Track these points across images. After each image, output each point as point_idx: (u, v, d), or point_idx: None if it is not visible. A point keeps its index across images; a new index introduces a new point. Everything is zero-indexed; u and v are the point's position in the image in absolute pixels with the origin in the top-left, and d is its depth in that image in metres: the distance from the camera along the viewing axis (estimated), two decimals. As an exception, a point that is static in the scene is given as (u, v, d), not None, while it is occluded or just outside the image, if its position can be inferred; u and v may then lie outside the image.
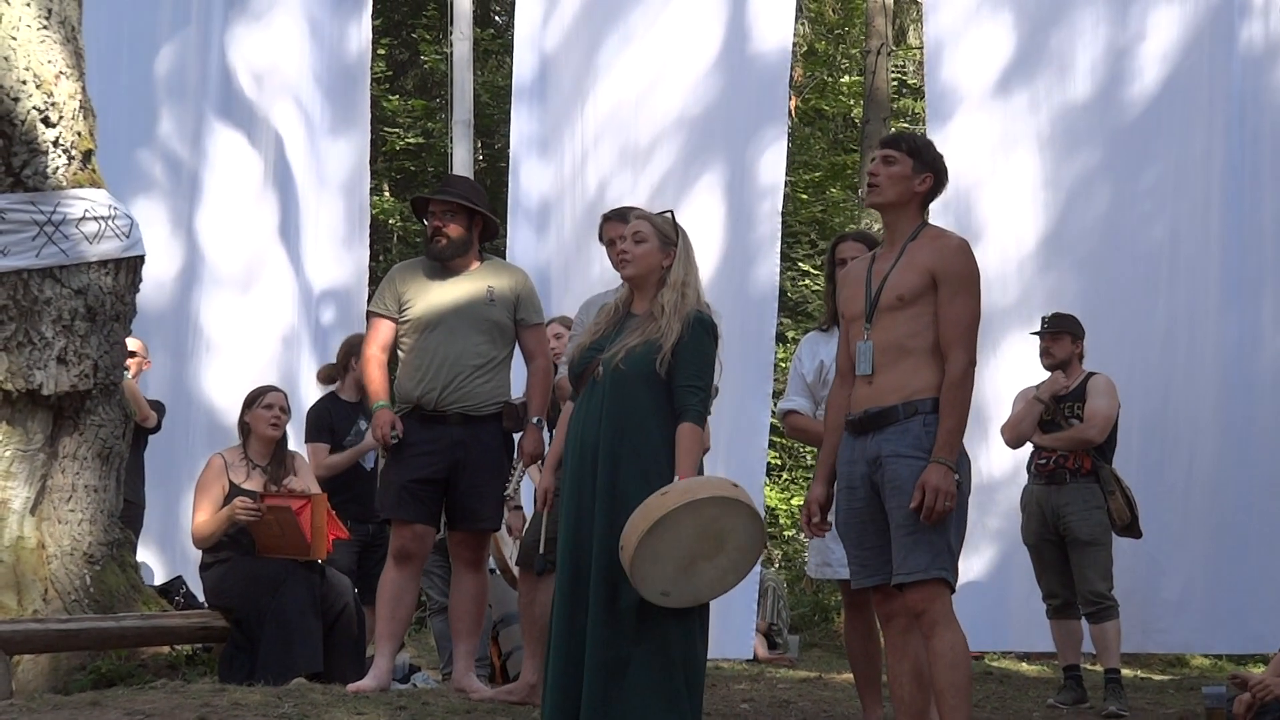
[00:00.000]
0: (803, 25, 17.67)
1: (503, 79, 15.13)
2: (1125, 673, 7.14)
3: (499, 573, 7.12)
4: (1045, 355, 7.14)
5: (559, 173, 8.96)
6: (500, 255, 7.48)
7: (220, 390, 8.58)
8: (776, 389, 9.12)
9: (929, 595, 4.26)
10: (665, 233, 4.80)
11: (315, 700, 5.17)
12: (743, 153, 8.61)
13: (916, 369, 4.35)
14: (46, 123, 6.21)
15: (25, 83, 6.16)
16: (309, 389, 8.74)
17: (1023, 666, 8.95)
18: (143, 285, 6.65)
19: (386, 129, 15.83)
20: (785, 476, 15.28)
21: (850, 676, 5.96)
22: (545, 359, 6.03)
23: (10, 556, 6.12)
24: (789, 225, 16.25)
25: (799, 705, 6.19)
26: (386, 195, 16.09)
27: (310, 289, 8.94)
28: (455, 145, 9.84)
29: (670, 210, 4.95)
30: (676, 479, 4.50)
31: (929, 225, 4.55)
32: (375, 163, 16.22)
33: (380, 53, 15.97)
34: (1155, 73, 8.16)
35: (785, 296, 15.66)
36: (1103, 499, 6.92)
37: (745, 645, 8.13)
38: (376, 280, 7.50)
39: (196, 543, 6.57)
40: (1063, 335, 7.12)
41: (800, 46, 17.52)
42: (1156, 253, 8.14)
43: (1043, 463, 7.05)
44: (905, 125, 17.61)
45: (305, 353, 8.89)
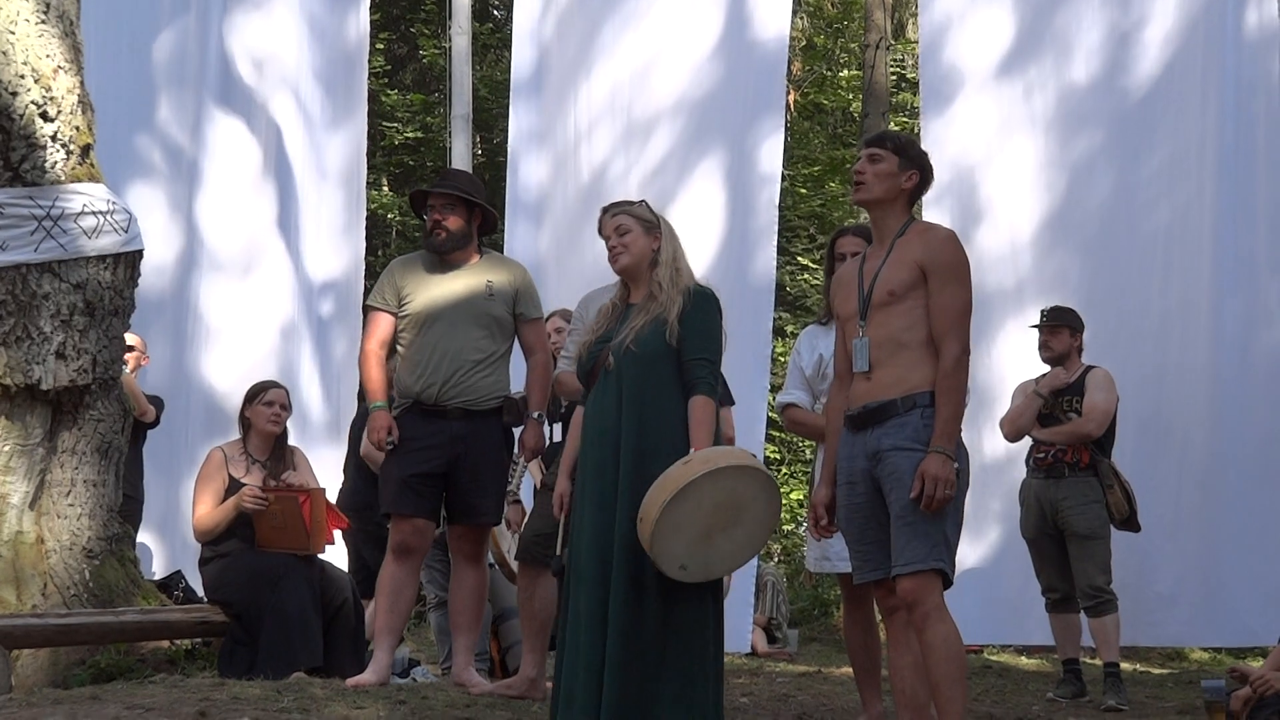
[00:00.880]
0: (802, 19, 17.67)
1: (501, 73, 15.12)
2: (1124, 666, 7.14)
3: (498, 567, 7.12)
4: (1044, 349, 7.14)
5: (555, 163, 8.96)
6: (498, 249, 7.47)
7: (219, 375, 8.58)
8: (774, 383, 9.12)
9: (923, 587, 4.28)
10: (645, 218, 4.87)
11: (315, 694, 5.17)
12: (740, 143, 8.60)
13: (913, 363, 4.38)
14: (45, 117, 6.21)
15: (23, 77, 6.15)
16: (309, 382, 8.75)
17: (1021, 660, 8.95)
18: (142, 270, 6.65)
19: (385, 123, 15.82)
20: (784, 470, 15.28)
21: (849, 670, 5.96)
22: (545, 353, 6.03)
23: (9, 551, 6.12)
24: (788, 220, 16.26)
25: (798, 699, 6.19)
26: (385, 190, 16.08)
27: (309, 281, 8.94)
28: (454, 140, 9.84)
29: (644, 200, 5.03)
30: (692, 451, 4.52)
31: (916, 220, 4.61)
32: (374, 157, 16.23)
33: (379, 47, 15.96)
34: (1157, 56, 8.13)
35: (784, 291, 15.66)
36: (1101, 493, 6.93)
37: (744, 639, 8.14)
38: (375, 275, 7.50)
39: (198, 536, 6.57)
40: (1061, 329, 7.11)
41: (799, 41, 17.51)
42: (1150, 241, 8.12)
43: (1041, 456, 7.05)
44: (904, 120, 17.60)
45: (305, 345, 8.88)
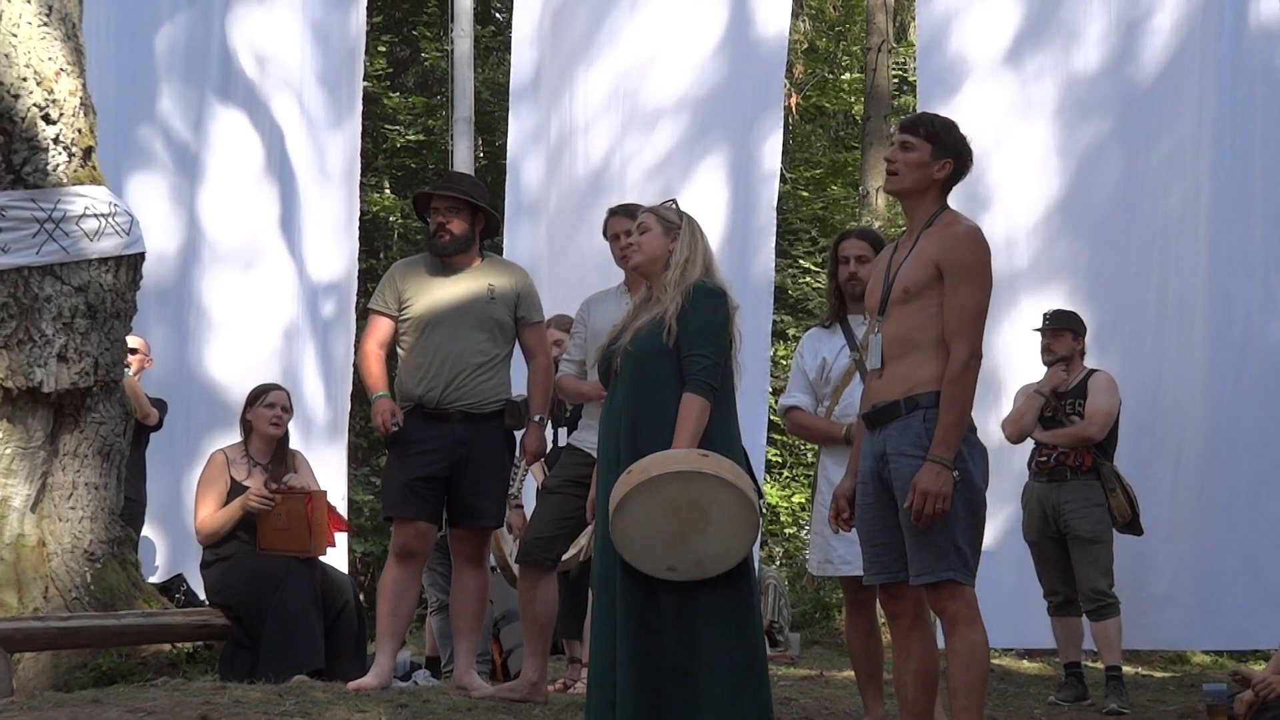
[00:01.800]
0: (804, 22, 17.67)
1: (503, 76, 15.11)
2: (1126, 670, 7.13)
3: (499, 570, 7.12)
4: (1046, 352, 7.14)
5: (554, 165, 8.94)
6: (498, 251, 7.46)
7: (221, 368, 8.56)
8: (776, 386, 9.11)
9: (945, 595, 4.22)
10: (668, 219, 4.84)
11: (316, 698, 5.16)
12: (739, 143, 8.58)
13: (920, 362, 4.27)
14: (47, 120, 6.21)
15: (26, 80, 6.15)
16: (311, 382, 8.74)
17: (1023, 664, 8.94)
18: (143, 261, 6.65)
19: (387, 126, 15.81)
20: (786, 474, 15.27)
21: (851, 674, 5.95)
22: (546, 357, 6.03)
23: (11, 554, 6.12)
24: (790, 223, 16.25)
25: (800, 703, 6.18)
26: (387, 192, 16.07)
27: (311, 281, 8.93)
28: (456, 143, 9.83)
29: (673, 200, 4.99)
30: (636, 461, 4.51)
31: (946, 211, 4.42)
32: (376, 160, 16.24)
33: (381, 50, 15.95)
34: (1163, 44, 8.08)
35: (786, 294, 15.64)
36: (1103, 496, 6.92)
37: (746, 642, 8.11)
38: (376, 278, 7.49)
39: (201, 539, 6.57)
40: (1064, 332, 7.12)
41: (801, 44, 17.51)
42: (1153, 231, 8.06)
43: (1044, 460, 7.05)
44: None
45: (307, 346, 8.88)
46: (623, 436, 4.63)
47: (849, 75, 18.46)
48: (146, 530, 7.87)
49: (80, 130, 6.36)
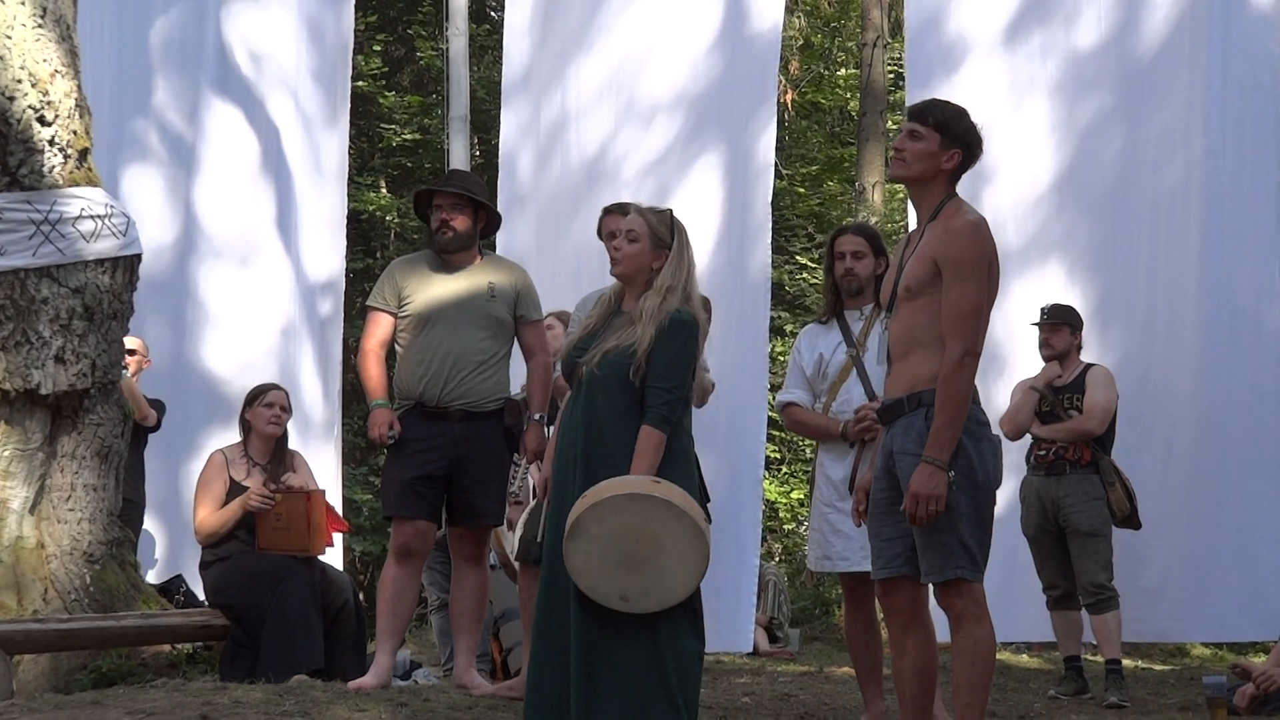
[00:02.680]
0: (799, 19, 17.65)
1: (499, 74, 15.06)
2: (1126, 663, 7.14)
3: (501, 568, 7.12)
4: (1044, 346, 7.15)
5: (548, 160, 8.93)
6: (491, 247, 7.45)
7: (218, 361, 8.55)
8: (774, 382, 9.09)
9: (952, 593, 4.22)
10: (659, 234, 4.77)
11: (316, 697, 5.16)
12: (733, 138, 8.55)
13: (924, 359, 4.23)
14: (42, 121, 6.20)
15: (20, 81, 6.15)
16: (308, 381, 8.73)
17: (1023, 658, 8.95)
18: (140, 253, 6.64)
19: (383, 125, 15.80)
20: (784, 470, 15.27)
21: (851, 670, 5.95)
22: (545, 355, 6.03)
23: (10, 556, 6.11)
24: (786, 219, 16.24)
25: (800, 698, 6.19)
26: (383, 191, 16.06)
27: (307, 279, 8.93)
28: (452, 141, 9.83)
29: (669, 209, 4.93)
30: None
31: (951, 201, 4.33)
32: (372, 159, 16.23)
33: (376, 49, 15.94)
34: (1166, 15, 8.03)
35: (783, 290, 15.63)
36: (1102, 490, 6.93)
37: (746, 639, 8.12)
38: (372, 277, 7.48)
39: (201, 539, 6.57)
40: (1062, 327, 7.12)
41: (796, 40, 17.49)
42: (1141, 224, 8.01)
43: (1042, 454, 7.06)
44: (900, 119, 17.58)
45: (304, 344, 8.88)
46: (579, 460, 4.61)
47: (844, 71, 18.46)
48: (144, 524, 7.87)
49: (76, 132, 6.36)
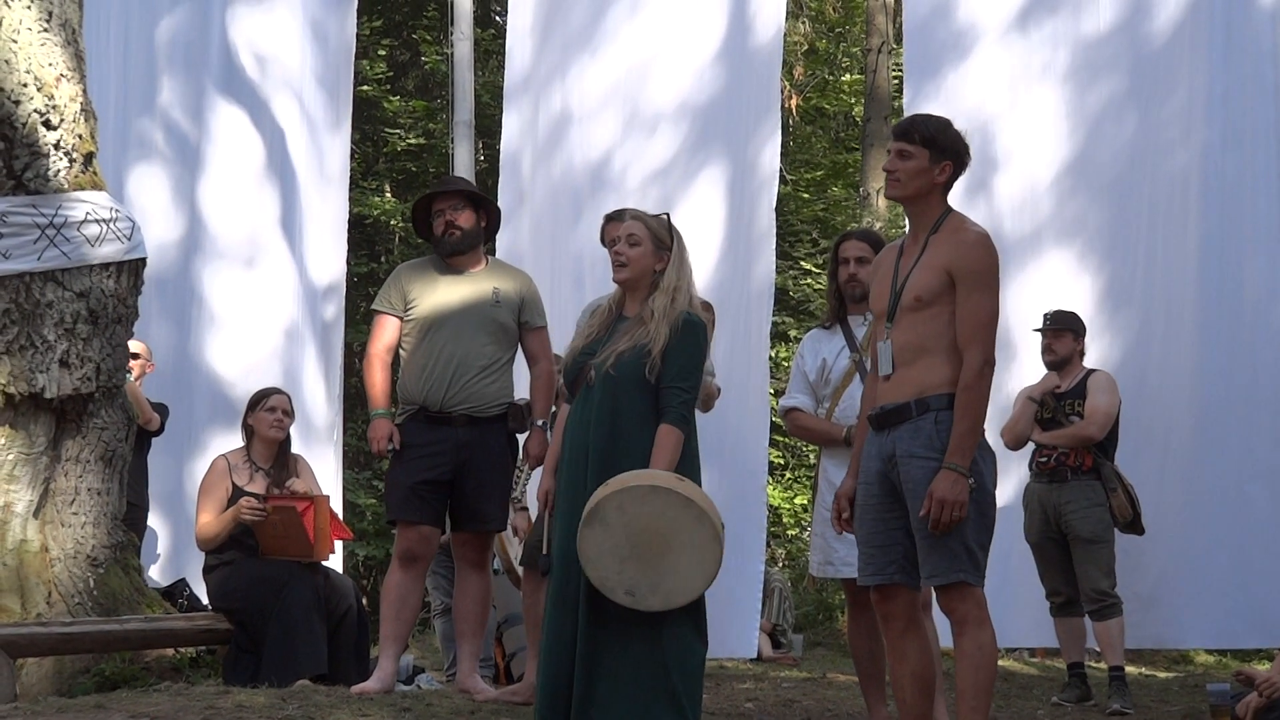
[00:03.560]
0: (804, 24, 17.67)
1: (503, 79, 15.12)
2: (1129, 670, 7.13)
3: (505, 573, 7.12)
4: (1047, 352, 7.15)
5: (550, 165, 8.93)
6: (491, 250, 7.46)
7: (222, 360, 8.56)
8: (778, 387, 9.09)
9: (955, 596, 4.24)
10: (660, 236, 4.82)
11: (319, 702, 5.17)
12: (738, 145, 8.53)
13: (932, 366, 4.27)
14: (48, 125, 6.21)
15: (26, 86, 6.16)
16: (311, 384, 8.74)
17: (1026, 664, 8.94)
18: (144, 266, 6.65)
19: (387, 130, 15.82)
20: (788, 475, 15.27)
21: (854, 676, 5.95)
22: (549, 362, 6.04)
23: (14, 560, 6.12)
24: (790, 224, 16.25)
25: (803, 704, 6.18)
26: (388, 196, 16.08)
27: (311, 283, 8.94)
28: (456, 146, 9.84)
29: (666, 213, 4.96)
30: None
31: (951, 214, 4.40)
32: (376, 164, 16.24)
33: (381, 54, 15.95)
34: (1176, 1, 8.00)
35: (787, 295, 15.64)
36: (1104, 496, 6.92)
37: (749, 644, 8.11)
38: (377, 282, 7.48)
39: (201, 544, 6.57)
40: (1064, 333, 7.12)
41: (801, 45, 17.50)
42: (1139, 225, 7.98)
43: (1044, 460, 7.05)
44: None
45: (307, 347, 8.89)
46: (594, 462, 4.62)
47: (849, 77, 18.47)
48: (148, 522, 7.88)
49: (81, 136, 6.37)
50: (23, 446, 6.19)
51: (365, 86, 14.71)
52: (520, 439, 6.05)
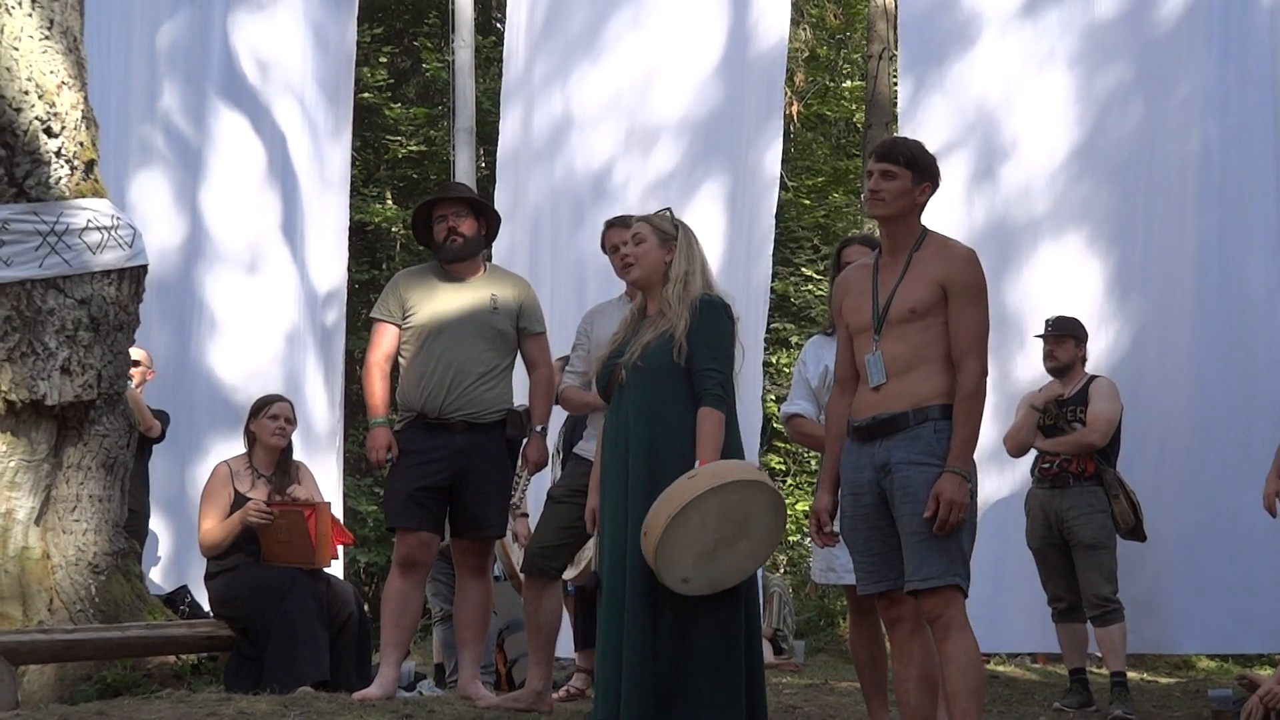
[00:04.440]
0: (804, 31, 17.67)
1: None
2: (1131, 676, 7.12)
3: (507, 580, 7.12)
4: (1049, 358, 7.15)
5: (549, 172, 8.93)
6: (489, 256, 7.47)
7: (224, 367, 8.56)
8: (779, 394, 9.09)
9: (943, 601, 4.29)
10: (663, 229, 4.87)
11: (321, 709, 5.17)
12: (739, 151, 8.55)
13: (926, 376, 4.36)
14: (49, 133, 6.22)
15: (27, 93, 6.17)
16: (312, 391, 8.74)
17: (1028, 670, 8.93)
18: (146, 273, 6.65)
19: (388, 137, 15.83)
20: (790, 481, 15.27)
21: (856, 682, 5.94)
22: (548, 368, 6.05)
23: (15, 567, 6.12)
24: (791, 231, 16.27)
25: (805, 710, 6.18)
26: (389, 203, 16.09)
27: (313, 288, 8.95)
28: (457, 153, 9.86)
29: (668, 208, 5.00)
30: (698, 464, 4.55)
31: (931, 233, 4.56)
32: (377, 171, 16.26)
33: (382, 61, 15.97)
34: None
35: (788, 302, 15.66)
36: (1106, 502, 6.93)
37: (752, 650, 8.09)
38: (377, 288, 7.49)
39: (204, 551, 6.57)
40: (1066, 339, 7.12)
41: (802, 52, 17.51)
42: (1173, 180, 7.92)
43: (1046, 467, 7.05)
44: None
45: (309, 354, 8.89)
46: (637, 454, 4.67)
47: (850, 83, 18.48)
48: (149, 527, 7.89)
49: (82, 143, 6.38)
50: (24, 453, 6.19)
51: (366, 93, 14.72)
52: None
